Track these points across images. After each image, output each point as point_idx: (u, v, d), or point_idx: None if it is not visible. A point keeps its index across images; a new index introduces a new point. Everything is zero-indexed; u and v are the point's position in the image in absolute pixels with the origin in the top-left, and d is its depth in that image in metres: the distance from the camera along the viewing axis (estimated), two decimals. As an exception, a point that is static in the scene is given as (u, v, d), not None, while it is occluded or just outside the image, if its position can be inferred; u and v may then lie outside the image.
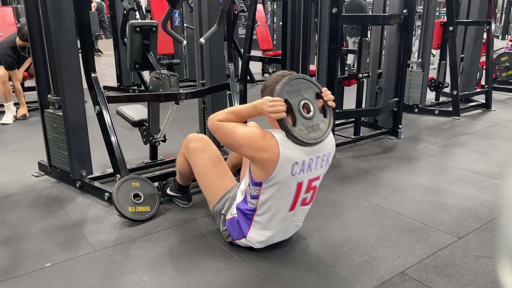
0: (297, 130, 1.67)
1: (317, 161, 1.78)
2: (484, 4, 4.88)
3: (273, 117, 1.66)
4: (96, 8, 11.61)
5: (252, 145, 1.71)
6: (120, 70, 5.99)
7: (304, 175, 1.76)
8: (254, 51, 5.66)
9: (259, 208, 1.83)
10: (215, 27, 2.82)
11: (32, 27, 2.62)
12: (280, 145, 1.68)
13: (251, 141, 1.71)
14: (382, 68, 3.94)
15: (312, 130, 1.71)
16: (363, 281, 1.75)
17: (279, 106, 1.65)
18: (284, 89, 1.69)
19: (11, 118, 4.32)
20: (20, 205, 2.47)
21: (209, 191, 2.08)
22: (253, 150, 1.71)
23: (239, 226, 1.91)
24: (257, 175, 1.76)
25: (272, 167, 1.69)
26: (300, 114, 1.70)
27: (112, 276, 1.78)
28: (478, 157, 3.29)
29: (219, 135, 1.81)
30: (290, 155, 1.69)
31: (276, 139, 1.69)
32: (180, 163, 2.24)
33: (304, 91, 1.74)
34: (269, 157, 1.68)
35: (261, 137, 1.70)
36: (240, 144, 1.74)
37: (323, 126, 1.75)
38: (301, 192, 1.81)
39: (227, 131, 1.78)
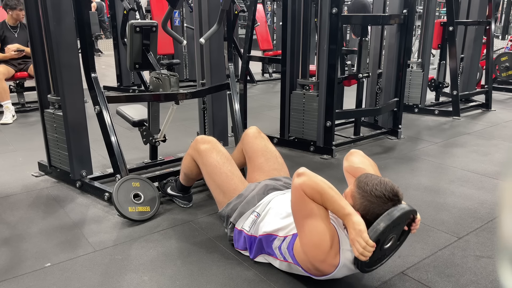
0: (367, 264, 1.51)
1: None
2: (484, 4, 4.88)
3: (355, 254, 1.46)
4: (96, 8, 11.61)
5: (313, 250, 1.53)
6: (120, 70, 5.99)
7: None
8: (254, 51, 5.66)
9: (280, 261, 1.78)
10: (215, 27, 2.82)
11: (32, 27, 2.62)
12: (338, 268, 1.54)
13: (315, 247, 1.52)
14: (382, 68, 3.94)
15: (378, 260, 1.56)
16: (363, 281, 1.75)
17: (368, 252, 1.43)
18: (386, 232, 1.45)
19: (11, 118, 4.32)
20: (20, 205, 2.47)
21: (218, 191, 2.05)
22: (311, 252, 1.54)
23: (248, 246, 1.89)
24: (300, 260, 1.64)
25: (317, 274, 1.62)
26: (378, 249, 1.48)
27: (112, 276, 1.78)
28: (478, 157, 3.29)
29: (294, 201, 1.59)
30: (340, 275, 1.60)
31: (339, 261, 1.53)
32: (187, 164, 2.24)
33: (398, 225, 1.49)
34: (321, 269, 1.57)
35: (326, 250, 1.51)
36: (304, 234, 1.56)
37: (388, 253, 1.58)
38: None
39: (304, 209, 1.55)
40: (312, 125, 3.38)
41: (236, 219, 1.93)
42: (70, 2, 2.46)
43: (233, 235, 1.96)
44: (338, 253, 1.53)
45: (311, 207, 1.53)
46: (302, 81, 3.44)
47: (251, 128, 2.30)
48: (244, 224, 1.90)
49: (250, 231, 1.86)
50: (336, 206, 1.52)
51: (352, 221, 1.47)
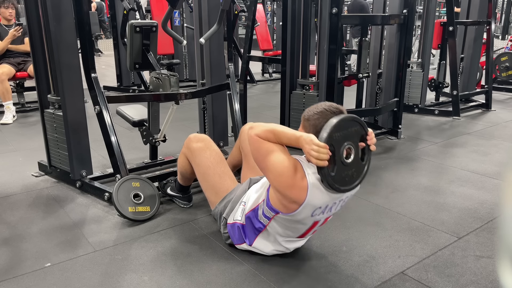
0: (334, 177, 1.57)
1: (339, 203, 1.73)
2: (484, 4, 4.88)
3: (314, 162, 1.54)
4: (96, 8, 11.61)
5: (280, 179, 1.62)
6: (120, 70, 5.99)
7: (323, 215, 1.72)
8: (254, 51, 5.66)
9: (269, 227, 1.81)
10: (215, 27, 2.82)
11: (32, 27, 2.62)
12: (309, 190, 1.60)
13: (280, 175, 1.62)
14: (382, 68, 3.94)
15: (348, 178, 1.62)
16: (363, 281, 1.75)
17: (323, 154, 1.51)
18: (332, 135, 1.55)
19: (11, 118, 4.32)
20: (20, 205, 2.47)
21: (210, 191, 2.07)
22: (279, 183, 1.63)
23: (242, 233, 1.90)
24: (276, 205, 1.70)
25: (294, 207, 1.64)
26: (340, 162, 1.58)
27: (112, 276, 1.78)
28: (478, 157, 3.29)
29: (253, 149, 1.73)
30: (315, 201, 1.63)
31: (307, 181, 1.60)
32: (182, 163, 2.24)
33: (350, 134, 1.60)
34: (294, 197, 1.61)
35: (291, 175, 1.60)
36: (268, 170, 1.66)
37: (358, 173, 1.66)
38: (315, 226, 1.79)
39: (261, 150, 1.68)
40: (312, 125, 3.38)
41: (228, 214, 1.97)
42: (70, 2, 2.46)
43: (227, 231, 1.98)
44: (304, 176, 1.62)
45: (268, 145, 1.68)
46: (302, 81, 3.44)
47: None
48: (235, 216, 1.94)
49: (242, 219, 1.90)
50: (288, 135, 1.65)
51: (303, 138, 1.58)
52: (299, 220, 1.71)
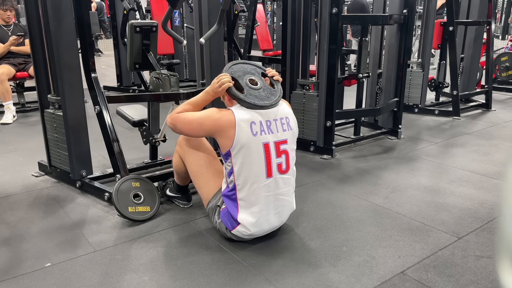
0: (247, 95, 1.87)
1: (276, 123, 1.92)
2: (484, 4, 4.88)
3: (222, 89, 1.88)
4: (96, 8, 11.61)
5: (210, 118, 1.88)
6: (120, 70, 5.99)
7: (266, 136, 1.88)
8: (254, 51, 5.66)
9: (238, 181, 1.89)
10: (215, 27, 2.82)
11: (32, 27, 2.62)
12: (234, 111, 1.86)
13: (209, 115, 1.89)
14: (382, 68, 3.94)
15: (263, 97, 1.90)
16: (363, 281, 1.76)
17: (224, 78, 1.89)
18: (229, 70, 1.94)
19: (11, 118, 4.32)
20: (20, 205, 2.47)
21: (203, 189, 2.10)
22: (212, 122, 1.87)
23: (229, 214, 1.95)
24: (223, 145, 1.88)
25: (232, 131, 1.83)
26: (248, 86, 1.91)
27: (112, 276, 1.78)
28: (478, 157, 3.29)
29: (181, 126, 1.97)
30: (244, 116, 1.85)
31: (231, 109, 1.89)
32: (176, 162, 2.25)
33: (248, 72, 1.97)
34: (227, 123, 1.84)
35: (216, 111, 1.90)
36: (201, 123, 1.91)
37: (274, 94, 1.95)
38: (270, 154, 1.89)
39: (186, 118, 1.95)
40: (312, 125, 3.38)
41: (222, 203, 2.01)
42: (70, 2, 2.46)
43: (221, 220, 2.00)
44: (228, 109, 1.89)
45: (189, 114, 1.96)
46: (302, 81, 3.44)
47: None
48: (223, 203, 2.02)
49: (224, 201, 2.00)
50: (200, 96, 2.02)
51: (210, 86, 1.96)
52: (246, 145, 1.84)
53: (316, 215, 2.32)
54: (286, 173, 1.96)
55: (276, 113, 1.93)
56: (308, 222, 2.24)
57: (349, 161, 3.22)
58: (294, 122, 2.01)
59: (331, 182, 2.79)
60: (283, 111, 1.96)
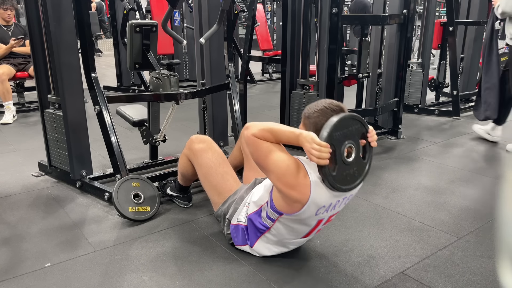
0: (337, 176, 1.57)
1: (343, 201, 1.73)
2: (484, 4, 4.88)
3: (315, 161, 1.52)
4: (96, 8, 11.61)
5: (283, 179, 1.60)
6: (120, 70, 5.99)
7: (327, 214, 1.72)
8: (254, 51, 5.66)
9: (273, 229, 1.80)
10: (215, 27, 2.82)
11: (32, 27, 2.62)
12: (312, 189, 1.59)
13: (283, 174, 1.60)
14: (382, 68, 3.94)
15: (350, 179, 1.62)
16: (363, 281, 1.75)
17: (324, 153, 1.50)
18: (333, 134, 1.54)
19: (11, 118, 4.32)
20: (20, 205, 2.47)
21: (213, 192, 2.06)
22: (282, 183, 1.61)
23: (245, 235, 1.89)
24: (280, 206, 1.69)
25: (298, 207, 1.63)
26: (341, 161, 1.57)
27: (112, 276, 1.78)
28: (478, 157, 3.29)
29: (251, 150, 1.69)
30: (319, 200, 1.62)
31: (310, 180, 1.59)
32: (183, 164, 2.24)
33: (350, 135, 1.59)
34: (298, 197, 1.60)
35: (294, 174, 1.59)
36: (270, 171, 1.64)
37: (360, 171, 1.65)
38: (319, 225, 1.79)
39: (261, 150, 1.65)
40: (312, 125, 3.38)
41: (232, 215, 1.96)
42: (70, 2, 2.46)
43: (230, 232, 1.97)
44: (306, 174, 1.60)
45: (267, 146, 1.64)
46: (302, 81, 3.44)
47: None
48: (239, 217, 1.92)
49: (245, 221, 1.89)
50: (287, 134, 1.62)
51: (303, 136, 1.56)
52: (303, 219, 1.70)
53: (316, 215, 2.32)
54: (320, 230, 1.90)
55: (350, 191, 1.69)
56: (308, 222, 2.24)
57: (349, 161, 3.21)
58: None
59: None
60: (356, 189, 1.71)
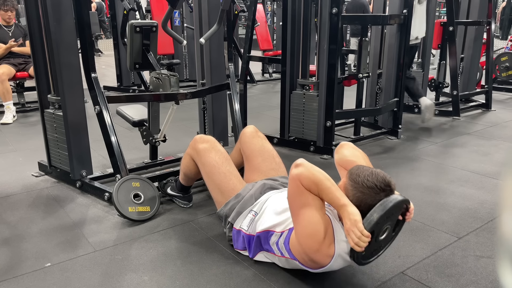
0: (364, 256, 1.52)
1: None
2: (484, 4, 4.88)
3: (350, 244, 1.46)
4: (96, 8, 11.62)
5: (308, 240, 1.55)
6: (120, 70, 5.99)
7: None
8: (254, 51, 5.66)
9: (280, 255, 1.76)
10: (215, 27, 2.82)
11: (32, 27, 2.62)
12: (333, 259, 1.55)
13: (309, 236, 1.54)
14: (382, 68, 3.94)
15: (374, 251, 1.56)
16: (363, 281, 1.75)
17: (363, 242, 1.43)
18: (380, 222, 1.46)
19: (11, 118, 4.32)
20: (20, 205, 2.47)
21: (216, 190, 2.06)
22: (305, 243, 1.56)
23: (247, 245, 1.88)
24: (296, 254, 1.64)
25: (313, 266, 1.62)
26: (374, 240, 1.49)
27: (112, 276, 1.78)
28: (478, 157, 3.29)
29: (290, 191, 1.61)
30: (335, 266, 1.61)
31: (334, 251, 1.54)
32: (186, 164, 2.24)
33: (391, 216, 1.50)
34: (316, 260, 1.57)
35: (320, 240, 1.52)
36: (299, 224, 1.57)
37: (385, 243, 1.58)
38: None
39: (299, 198, 1.56)
40: (312, 125, 3.38)
41: (234, 218, 1.94)
42: (70, 2, 2.46)
43: (231, 235, 1.96)
44: (332, 243, 1.54)
45: (307, 197, 1.54)
46: (302, 81, 3.44)
47: (248, 127, 2.30)
48: (242, 223, 1.90)
49: (249, 230, 1.87)
50: (332, 197, 1.52)
51: (348, 212, 1.47)
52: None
53: (316, 215, 2.32)
54: None
55: None
56: (308, 222, 2.24)
57: (349, 161, 3.21)
58: None
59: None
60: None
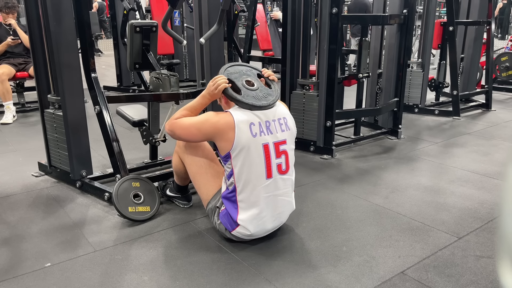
0: (244, 96, 1.87)
1: (275, 124, 1.92)
2: (484, 4, 4.88)
3: (218, 90, 1.88)
4: (97, 8, 11.63)
5: (208, 122, 1.88)
6: (120, 70, 5.99)
7: (266, 136, 1.88)
8: (254, 51, 5.66)
9: (238, 183, 1.88)
10: (215, 27, 2.82)
11: (32, 27, 2.62)
12: (233, 113, 1.85)
13: (206, 119, 1.89)
14: (382, 68, 3.94)
15: (261, 98, 1.90)
16: (363, 281, 1.75)
17: (220, 80, 1.89)
18: (224, 72, 1.94)
19: (11, 118, 4.32)
20: (20, 205, 2.47)
21: (203, 189, 2.10)
22: (210, 125, 1.86)
23: (229, 215, 1.94)
24: (223, 148, 1.88)
25: (231, 133, 1.83)
26: (244, 87, 1.90)
27: (112, 276, 1.78)
28: (478, 157, 3.29)
29: (179, 132, 1.97)
30: (243, 117, 1.85)
31: (229, 111, 1.88)
32: (175, 163, 2.25)
33: (244, 73, 1.97)
34: (225, 125, 1.83)
35: (214, 114, 1.90)
36: (199, 128, 1.90)
37: (269, 94, 1.94)
38: (270, 155, 1.88)
39: (184, 124, 1.95)
40: (312, 125, 3.38)
41: (221, 205, 2.01)
42: (70, 2, 2.46)
43: (220, 221, 2.00)
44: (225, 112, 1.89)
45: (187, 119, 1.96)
46: (302, 81, 3.44)
47: None
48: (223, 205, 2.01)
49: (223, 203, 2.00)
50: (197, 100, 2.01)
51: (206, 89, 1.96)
52: (246, 147, 1.83)
53: (316, 215, 2.32)
54: (286, 173, 1.96)
55: (274, 113, 1.94)
56: (308, 222, 2.24)
57: (349, 161, 3.22)
58: (292, 122, 2.02)
59: (331, 182, 2.78)
60: (281, 112, 1.97)
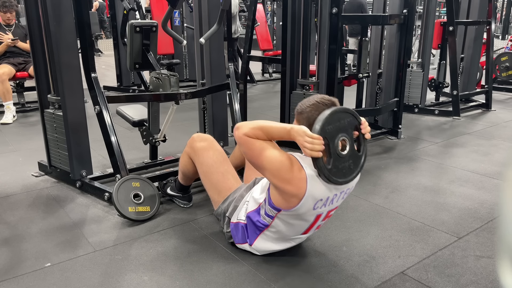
0: (332, 169, 1.58)
1: (340, 195, 1.73)
2: (484, 4, 4.88)
3: (308, 154, 1.54)
4: (97, 7, 11.63)
5: (278, 175, 1.61)
6: (120, 70, 5.99)
7: (325, 208, 1.72)
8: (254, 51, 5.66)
9: (272, 226, 1.80)
10: (215, 27, 2.82)
11: (32, 27, 2.62)
12: (308, 182, 1.60)
13: (278, 170, 1.61)
14: (382, 68, 3.94)
15: (346, 171, 1.62)
16: (363, 281, 1.75)
17: (317, 145, 1.52)
18: (325, 127, 1.55)
19: (11, 118, 4.32)
20: (20, 205, 2.47)
21: (213, 190, 2.07)
22: (277, 179, 1.62)
23: (245, 233, 1.90)
24: (277, 202, 1.69)
25: (295, 201, 1.63)
26: (336, 154, 1.58)
27: (112, 276, 1.78)
28: (478, 157, 3.29)
29: (244, 150, 1.71)
30: (316, 193, 1.62)
31: (305, 173, 1.60)
32: (184, 163, 2.24)
33: (343, 128, 1.60)
34: (294, 191, 1.61)
35: (288, 168, 1.60)
36: (265, 168, 1.65)
37: (356, 164, 1.65)
38: (318, 221, 1.78)
39: (253, 149, 1.66)
40: (312, 125, 3.37)
41: (231, 213, 1.96)
42: (70, 2, 2.46)
43: (230, 230, 1.97)
44: (301, 168, 1.61)
45: (259, 144, 1.66)
46: (302, 81, 3.44)
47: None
48: (239, 215, 1.93)
49: (245, 220, 1.90)
50: (278, 129, 1.65)
51: (295, 130, 1.59)
52: (301, 214, 1.70)
53: (316, 215, 2.32)
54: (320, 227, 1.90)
55: (347, 185, 1.71)
56: (308, 222, 2.24)
57: (349, 161, 3.21)
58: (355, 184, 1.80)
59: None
60: (353, 182, 1.73)
